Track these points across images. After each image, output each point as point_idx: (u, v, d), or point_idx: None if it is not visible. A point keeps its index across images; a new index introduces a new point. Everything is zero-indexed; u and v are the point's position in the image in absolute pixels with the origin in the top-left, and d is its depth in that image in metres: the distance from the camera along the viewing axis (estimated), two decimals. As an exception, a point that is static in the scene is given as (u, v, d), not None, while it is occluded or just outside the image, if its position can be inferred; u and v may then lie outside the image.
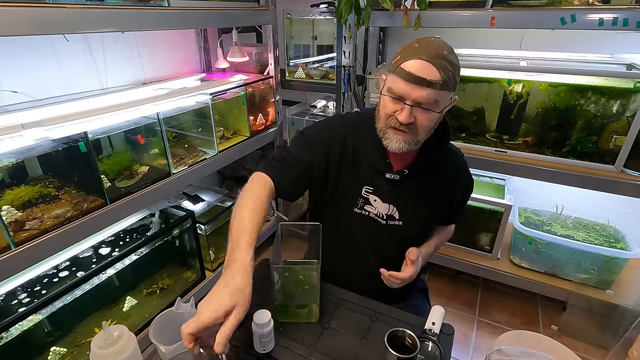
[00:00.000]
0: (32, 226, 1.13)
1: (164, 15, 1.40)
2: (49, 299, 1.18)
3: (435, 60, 0.78)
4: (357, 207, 1.00)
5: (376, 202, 0.99)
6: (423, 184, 1.00)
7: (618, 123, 1.50)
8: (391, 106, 0.85)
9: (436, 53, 0.79)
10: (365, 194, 0.99)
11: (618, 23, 1.34)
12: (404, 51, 0.83)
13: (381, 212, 1.00)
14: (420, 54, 0.79)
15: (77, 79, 1.61)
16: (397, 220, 1.00)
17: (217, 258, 1.93)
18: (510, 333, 1.33)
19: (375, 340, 0.86)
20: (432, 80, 0.78)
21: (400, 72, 0.81)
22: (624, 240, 1.76)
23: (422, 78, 0.78)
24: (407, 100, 0.81)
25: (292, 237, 0.88)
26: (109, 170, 1.40)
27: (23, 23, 0.99)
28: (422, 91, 0.80)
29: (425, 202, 1.01)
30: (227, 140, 1.97)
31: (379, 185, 0.98)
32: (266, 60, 2.12)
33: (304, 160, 0.94)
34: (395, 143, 0.87)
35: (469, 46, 2.03)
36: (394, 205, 0.99)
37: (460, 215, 1.16)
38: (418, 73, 0.79)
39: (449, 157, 1.03)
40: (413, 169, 0.96)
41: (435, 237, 1.11)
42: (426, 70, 0.78)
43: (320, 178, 0.97)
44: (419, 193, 1.00)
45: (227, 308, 0.63)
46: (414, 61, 0.79)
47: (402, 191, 0.98)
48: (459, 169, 1.05)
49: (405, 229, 1.01)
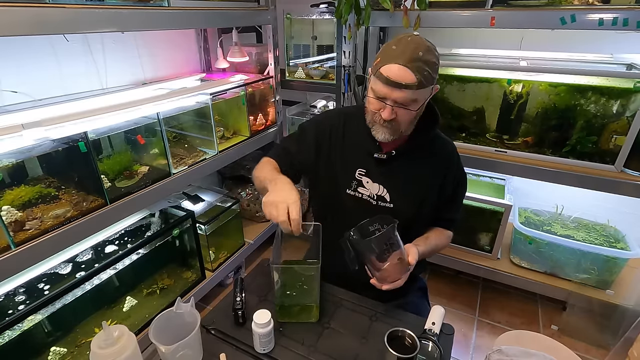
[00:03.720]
0: (32, 226, 1.13)
1: (164, 15, 1.40)
2: (49, 299, 1.18)
3: (411, 64, 0.85)
4: (351, 189, 1.05)
5: (368, 184, 1.04)
6: (411, 165, 1.04)
7: (618, 123, 1.50)
8: (375, 104, 0.93)
9: (411, 56, 0.85)
10: (358, 176, 1.05)
11: (618, 23, 1.34)
12: (383, 53, 0.90)
13: (372, 193, 1.04)
14: (397, 59, 0.86)
15: (77, 79, 1.61)
16: (388, 202, 1.03)
17: (217, 258, 1.93)
18: (510, 333, 1.33)
19: (375, 340, 0.86)
20: (408, 84, 0.86)
21: (379, 76, 0.89)
22: (624, 240, 1.76)
23: (399, 82, 0.86)
24: (387, 101, 0.90)
25: (292, 237, 0.88)
26: (109, 170, 1.40)
27: (23, 23, 0.99)
28: (400, 93, 0.87)
29: (414, 185, 1.04)
30: (227, 140, 1.97)
31: (370, 166, 1.04)
32: (266, 60, 2.12)
33: (291, 150, 1.11)
34: (382, 134, 0.97)
35: (469, 46, 2.03)
36: (384, 186, 1.03)
37: (457, 216, 1.15)
38: (395, 78, 0.86)
39: (437, 142, 1.08)
40: (401, 150, 1.02)
41: (434, 238, 1.10)
42: (402, 74, 0.86)
43: (309, 165, 1.09)
44: (407, 174, 1.04)
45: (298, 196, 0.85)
46: (391, 66, 0.86)
47: (390, 171, 1.03)
48: (450, 157, 1.08)
49: (396, 211, 1.02)
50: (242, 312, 0.89)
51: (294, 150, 1.10)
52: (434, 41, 0.92)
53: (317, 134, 1.09)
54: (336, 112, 1.18)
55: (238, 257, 2.02)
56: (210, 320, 0.91)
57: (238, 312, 0.89)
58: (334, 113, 1.18)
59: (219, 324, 0.90)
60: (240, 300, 0.90)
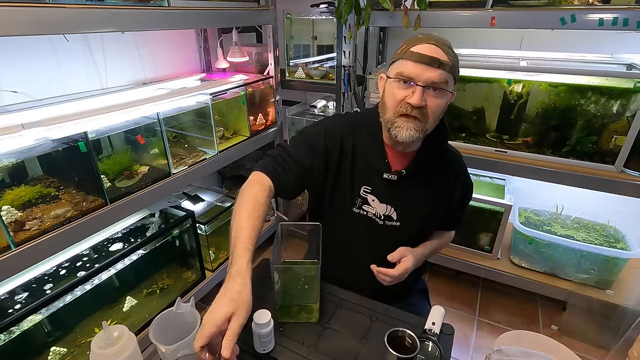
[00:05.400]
0: (32, 226, 1.13)
1: (164, 15, 1.40)
2: (49, 299, 1.18)
3: (442, 46, 0.84)
4: (356, 206, 1.01)
5: (374, 202, 0.99)
6: (421, 185, 0.99)
7: (618, 123, 1.50)
8: (401, 92, 0.85)
9: (441, 40, 0.85)
10: (363, 194, 0.99)
11: (618, 23, 1.34)
12: (409, 41, 0.87)
13: (379, 213, 1.00)
14: (428, 40, 0.84)
15: (77, 79, 1.61)
16: (395, 221, 1.00)
17: (217, 258, 1.93)
18: (510, 333, 1.33)
19: (375, 340, 0.85)
20: (443, 61, 0.82)
21: (410, 55, 0.83)
22: (624, 240, 1.76)
23: (434, 57, 0.82)
24: (419, 82, 0.83)
25: (292, 237, 0.88)
26: (109, 170, 1.40)
27: (23, 23, 0.99)
28: (433, 72, 0.82)
29: (423, 204, 1.01)
30: (227, 140, 1.97)
31: (377, 185, 0.98)
32: (266, 60, 2.12)
33: (303, 162, 0.95)
34: (406, 131, 0.86)
35: (469, 46, 2.03)
36: (392, 206, 0.99)
37: (461, 222, 1.15)
38: (430, 53, 0.82)
39: (447, 156, 1.04)
40: (411, 170, 0.96)
41: (434, 240, 1.10)
42: (436, 51, 0.83)
43: (319, 179, 0.99)
44: (416, 194, 1.00)
45: (226, 315, 0.65)
46: (423, 45, 0.83)
47: (399, 192, 0.98)
48: (459, 168, 1.05)
49: (402, 229, 1.01)
50: (242, 312, 0.89)
51: (307, 164, 0.95)
52: (434, 41, 0.92)
53: (327, 144, 0.97)
54: (340, 120, 1.03)
55: (238, 257, 2.01)
56: (210, 320, 0.91)
57: (238, 312, 0.89)
58: (339, 121, 1.03)
59: (219, 324, 0.90)
60: (240, 300, 0.90)
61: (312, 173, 0.96)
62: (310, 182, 0.98)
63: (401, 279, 0.96)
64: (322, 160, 0.97)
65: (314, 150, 0.96)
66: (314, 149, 0.97)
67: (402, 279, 0.96)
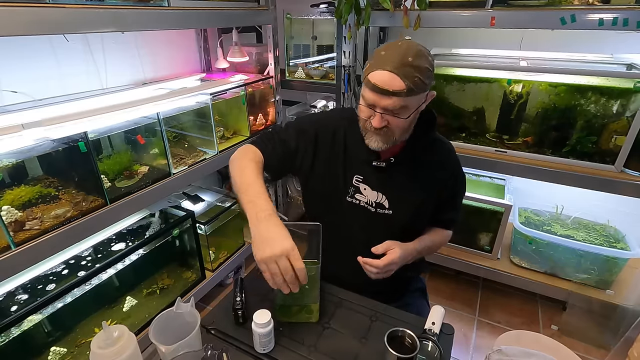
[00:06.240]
0: (32, 226, 1.13)
1: (164, 15, 1.40)
2: (49, 299, 1.18)
3: (399, 70, 0.81)
4: (349, 195, 1.04)
5: (366, 191, 1.02)
6: (410, 172, 1.02)
7: (618, 123, 1.50)
8: (365, 112, 0.91)
9: (400, 61, 0.82)
10: (356, 183, 1.03)
11: (618, 23, 1.34)
12: (373, 59, 0.87)
13: (371, 200, 1.02)
14: (384, 65, 0.83)
15: (77, 79, 1.61)
16: (387, 209, 1.02)
17: (217, 258, 1.93)
18: (510, 333, 1.33)
19: (375, 340, 0.86)
20: (396, 90, 0.82)
21: (367, 83, 0.86)
22: (624, 240, 1.76)
23: (386, 89, 0.83)
24: (377, 108, 0.87)
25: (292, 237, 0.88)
26: (109, 170, 1.40)
27: (23, 23, 0.99)
28: (388, 100, 0.84)
29: (413, 191, 1.02)
30: (227, 140, 1.97)
31: (368, 173, 1.02)
32: (266, 60, 2.12)
33: (289, 145, 1.03)
34: (375, 142, 0.93)
35: (469, 46, 2.03)
36: (383, 194, 1.01)
37: (456, 216, 1.14)
38: (382, 85, 0.83)
39: (435, 145, 1.06)
40: (400, 157, 1.00)
41: (429, 236, 1.09)
42: (390, 81, 0.82)
43: (305, 163, 1.05)
44: (406, 181, 1.02)
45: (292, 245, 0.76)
46: (378, 72, 0.83)
47: (389, 179, 1.01)
48: (448, 157, 1.07)
49: (395, 218, 1.02)
50: (242, 312, 0.89)
51: (292, 145, 1.03)
52: (434, 41, 0.92)
53: (318, 132, 1.04)
54: (337, 114, 1.12)
55: (238, 257, 2.02)
56: (210, 320, 0.91)
57: (238, 312, 0.89)
58: (335, 115, 1.13)
59: (219, 324, 0.90)
60: (240, 300, 0.90)
61: (297, 155, 1.04)
62: (294, 165, 1.05)
63: (388, 272, 0.95)
64: (311, 145, 1.03)
65: (303, 135, 1.04)
66: (303, 133, 1.04)
67: (389, 272, 0.95)
